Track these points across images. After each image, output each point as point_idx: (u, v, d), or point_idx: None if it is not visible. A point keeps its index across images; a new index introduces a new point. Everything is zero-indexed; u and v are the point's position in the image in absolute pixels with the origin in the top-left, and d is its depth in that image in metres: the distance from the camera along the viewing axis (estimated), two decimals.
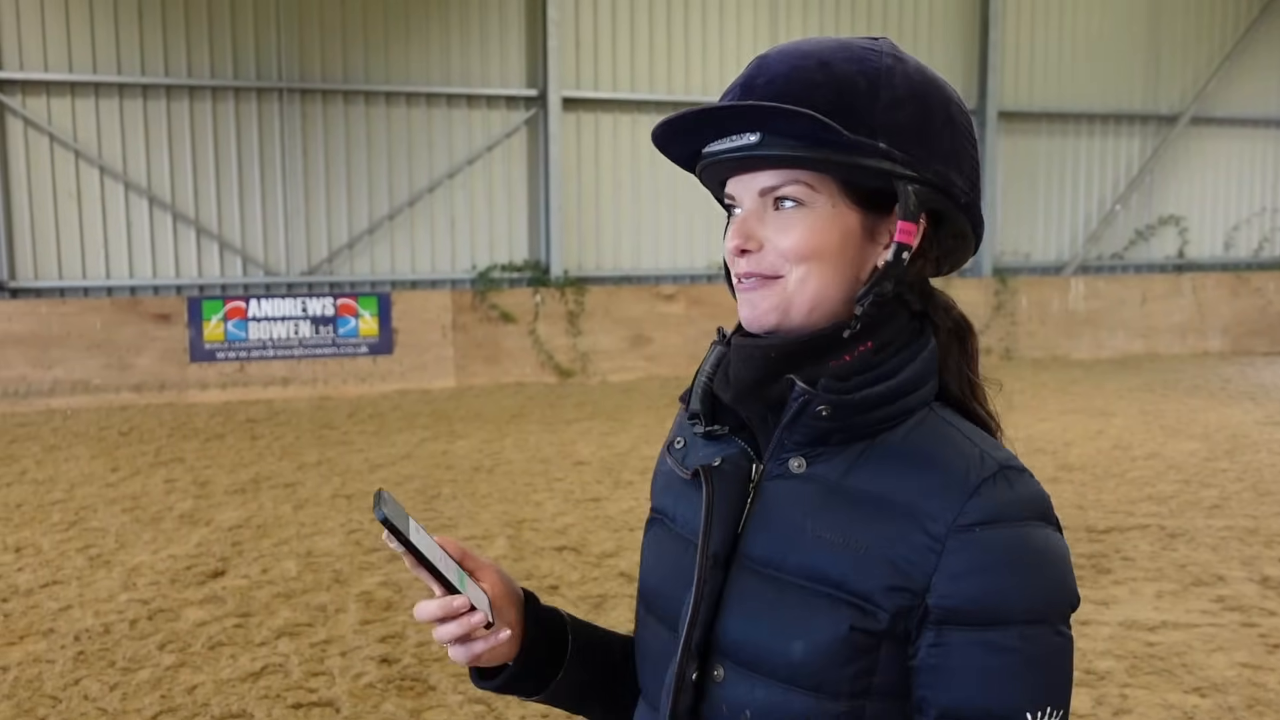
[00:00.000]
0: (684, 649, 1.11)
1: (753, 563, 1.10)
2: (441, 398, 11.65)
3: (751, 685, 1.08)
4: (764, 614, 1.08)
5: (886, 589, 1.03)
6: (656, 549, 1.24)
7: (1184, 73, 15.64)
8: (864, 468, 1.08)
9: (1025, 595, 1.02)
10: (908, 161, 1.06)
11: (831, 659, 1.04)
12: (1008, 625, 1.01)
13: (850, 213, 1.08)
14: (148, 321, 11.34)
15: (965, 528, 1.02)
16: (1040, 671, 1.02)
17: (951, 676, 1.02)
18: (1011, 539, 1.03)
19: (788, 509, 1.10)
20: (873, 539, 1.05)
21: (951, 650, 1.02)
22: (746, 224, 1.10)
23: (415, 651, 4.59)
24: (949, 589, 1.02)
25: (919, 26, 14.42)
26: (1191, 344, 15.51)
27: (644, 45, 13.31)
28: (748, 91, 1.08)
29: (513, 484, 7.63)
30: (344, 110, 12.28)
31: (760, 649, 1.08)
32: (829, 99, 1.04)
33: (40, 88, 11.29)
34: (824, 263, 1.08)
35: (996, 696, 1.01)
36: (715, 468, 1.14)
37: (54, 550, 6.10)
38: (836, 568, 1.05)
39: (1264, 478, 7.64)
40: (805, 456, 1.10)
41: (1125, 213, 15.67)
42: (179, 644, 4.70)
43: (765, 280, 1.10)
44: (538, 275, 12.94)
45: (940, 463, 1.06)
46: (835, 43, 1.10)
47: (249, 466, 8.26)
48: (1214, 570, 5.60)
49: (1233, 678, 4.26)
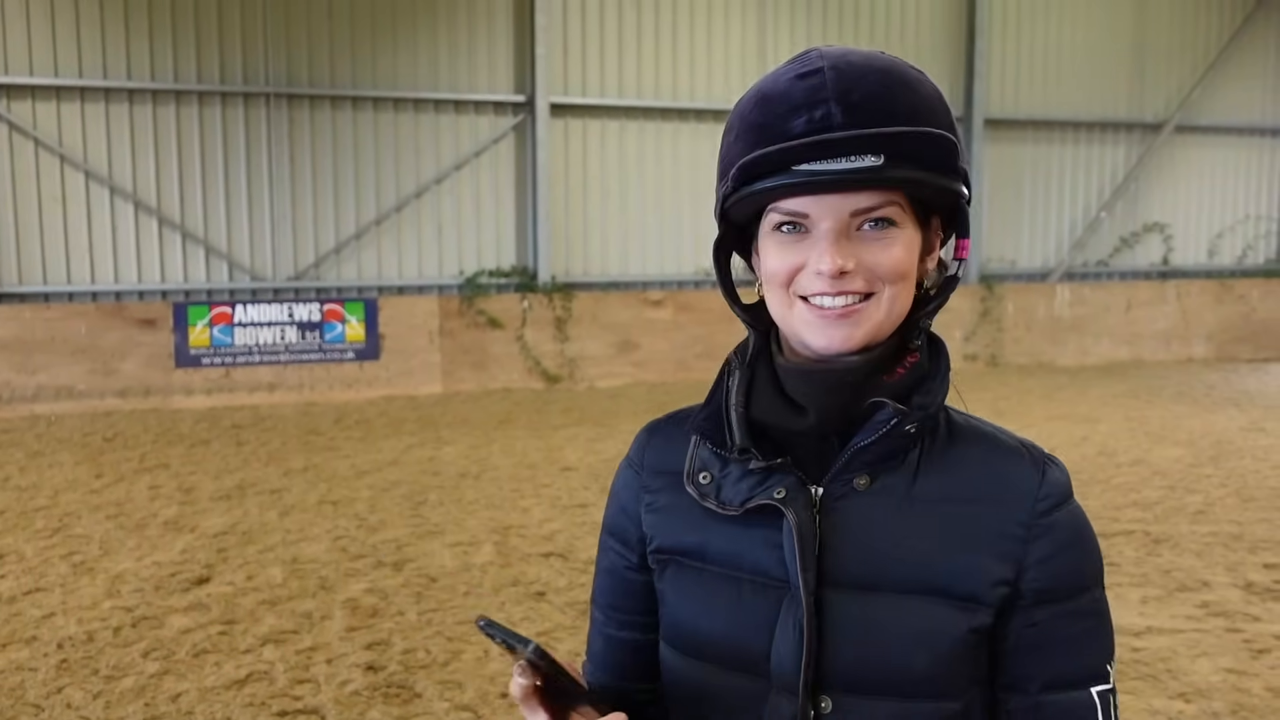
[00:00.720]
0: (804, 689, 1.07)
1: (844, 588, 1.09)
2: (428, 404, 11.62)
3: (871, 707, 1.08)
4: (876, 634, 1.07)
5: (989, 584, 1.08)
6: (692, 593, 1.16)
7: (1168, 81, 15.74)
8: (929, 474, 1.11)
9: (1090, 563, 1.12)
10: (966, 180, 1.10)
11: (953, 663, 1.08)
12: (1083, 593, 1.11)
13: (917, 231, 1.10)
14: (133, 327, 11.29)
15: (1045, 514, 1.10)
16: (1108, 626, 1.13)
17: (1050, 650, 1.09)
18: (1074, 518, 1.12)
19: (865, 526, 1.10)
20: (963, 539, 1.09)
21: (1046, 626, 1.09)
22: (842, 244, 1.06)
23: (401, 659, 4.57)
24: (1040, 572, 1.09)
25: (905, 34, 14.48)
26: (1176, 350, 15.59)
27: (632, 51, 13.33)
28: (848, 106, 1.03)
29: (499, 490, 7.61)
30: (331, 115, 12.26)
31: (880, 669, 1.07)
32: (937, 119, 1.06)
33: (25, 92, 11.23)
34: (907, 281, 1.09)
35: (1088, 657, 1.10)
36: (783, 498, 1.10)
37: (37, 557, 6.06)
38: (936, 575, 1.08)
39: (1248, 484, 7.68)
40: (869, 474, 1.10)
41: (1110, 220, 15.75)
42: (163, 651, 4.67)
43: (861, 300, 1.07)
44: (525, 281, 12.93)
45: (996, 459, 1.12)
46: (884, 57, 1.09)
47: (234, 473, 8.22)
48: (1199, 576, 5.62)
49: (1217, 683, 4.28)
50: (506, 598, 5.33)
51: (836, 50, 1.08)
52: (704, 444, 1.17)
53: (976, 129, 14.62)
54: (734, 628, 1.12)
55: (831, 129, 1.02)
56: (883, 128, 1.01)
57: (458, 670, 4.46)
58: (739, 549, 1.12)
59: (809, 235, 1.07)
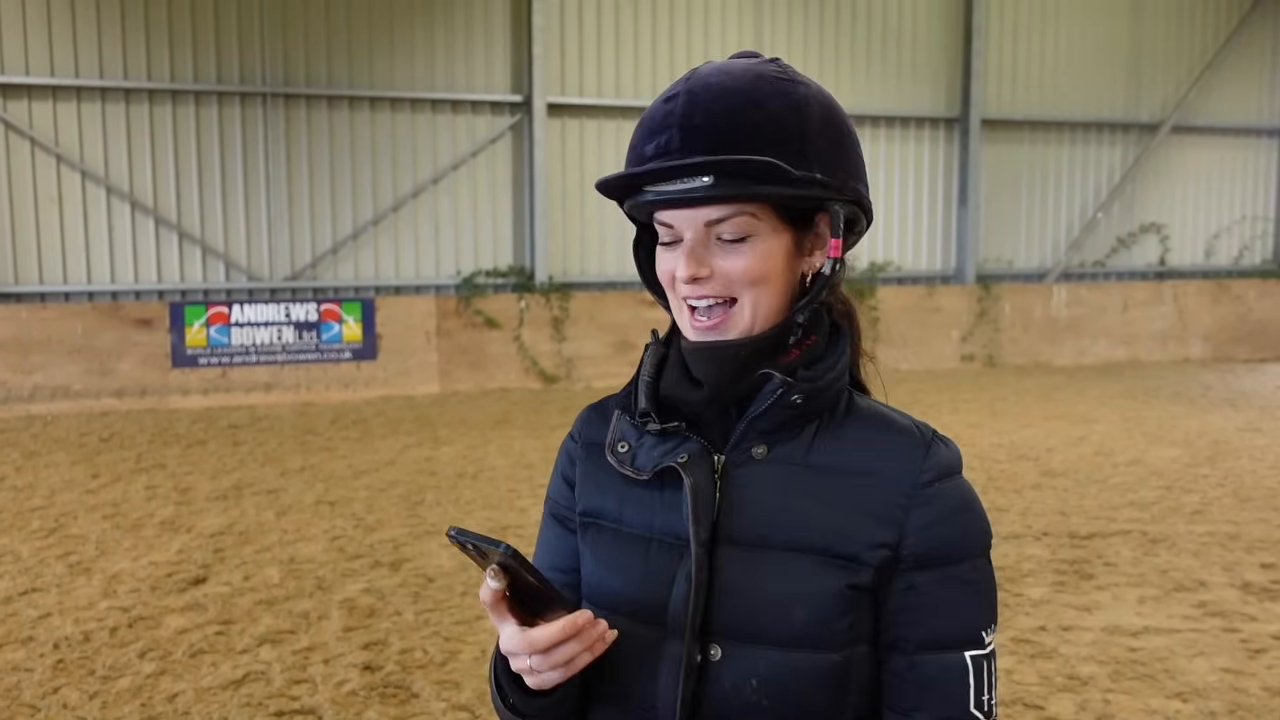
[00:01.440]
0: (689, 636, 1.17)
1: (736, 545, 1.19)
2: (425, 404, 11.61)
3: (755, 655, 1.17)
4: (760, 588, 1.17)
5: (869, 546, 1.17)
6: (605, 553, 1.27)
7: (1165, 82, 15.76)
8: (823, 446, 1.21)
9: (971, 534, 1.21)
10: (835, 186, 1.18)
11: (829, 616, 1.16)
12: (962, 561, 1.19)
13: (785, 233, 1.20)
14: (129, 327, 11.27)
15: (925, 485, 1.19)
16: (987, 595, 1.21)
17: (926, 612, 1.18)
18: (956, 490, 1.21)
19: (760, 490, 1.20)
20: (848, 505, 1.18)
21: (923, 590, 1.18)
22: (696, 253, 1.18)
23: (398, 659, 4.57)
24: (919, 538, 1.17)
25: (903, 35, 14.49)
26: (1173, 351, 15.61)
27: (629, 51, 13.33)
28: (687, 131, 1.14)
29: (496, 490, 7.61)
30: (328, 115, 12.25)
31: (762, 621, 1.17)
32: (773, 139, 1.14)
33: (22, 91, 11.22)
34: (769, 284, 1.19)
35: (961, 622, 1.18)
36: (685, 463, 1.20)
37: (33, 557, 6.05)
38: (821, 535, 1.18)
39: (1245, 484, 7.69)
40: (766, 443, 1.21)
41: (1107, 220, 15.77)
42: (160, 652, 4.67)
43: (721, 304, 1.19)
44: (522, 281, 12.92)
45: (887, 434, 1.22)
46: (751, 74, 1.17)
47: (231, 473, 8.21)
48: (1196, 576, 5.63)
49: (1214, 683, 4.28)
50: None
51: (709, 69, 1.19)
52: (624, 417, 1.29)
53: (974, 129, 14.63)
54: (641, 583, 1.23)
55: (669, 154, 1.14)
56: (711, 154, 1.12)
57: (455, 670, 4.45)
58: (650, 511, 1.24)
59: (680, 244, 1.19)
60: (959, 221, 14.93)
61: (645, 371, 1.28)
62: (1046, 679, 4.34)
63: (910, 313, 14.35)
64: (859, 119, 14.32)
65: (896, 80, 14.51)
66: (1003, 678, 4.34)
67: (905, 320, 14.29)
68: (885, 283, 14.55)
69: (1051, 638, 4.78)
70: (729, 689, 1.17)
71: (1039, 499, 7.28)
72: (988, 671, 1.18)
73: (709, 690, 1.18)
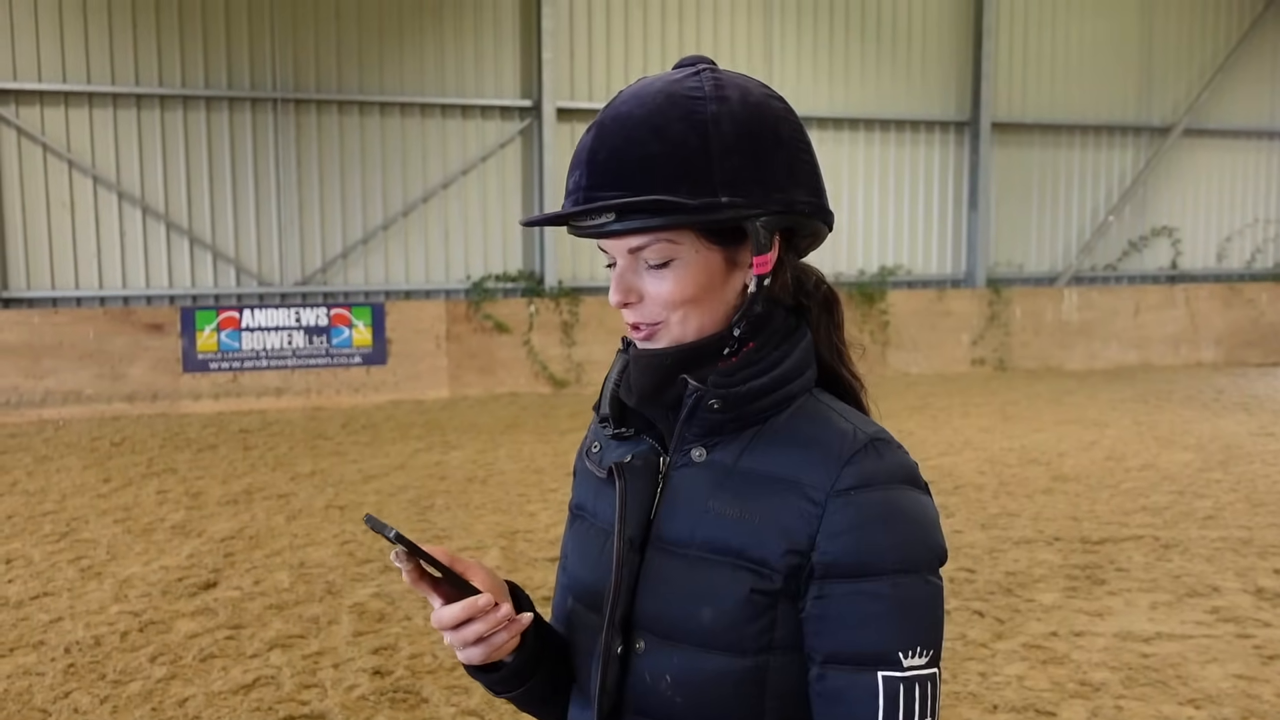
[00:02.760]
0: (609, 625, 1.23)
1: (664, 544, 1.23)
2: (435, 408, 11.63)
3: (669, 652, 1.20)
4: (675, 587, 1.21)
5: (780, 553, 1.17)
6: (579, 542, 1.35)
7: (1176, 84, 15.71)
8: (754, 450, 1.22)
9: (895, 548, 1.15)
10: (750, 203, 1.17)
11: (736, 620, 1.17)
12: (880, 575, 1.14)
13: (712, 252, 1.20)
14: (140, 331, 11.31)
15: (841, 492, 1.16)
16: (910, 615, 1.14)
17: (834, 623, 1.15)
18: (882, 499, 1.16)
19: (691, 493, 1.23)
20: (764, 510, 1.18)
21: (832, 600, 1.15)
22: (624, 279, 1.22)
23: (408, 664, 4.57)
24: (829, 546, 1.15)
25: (913, 38, 14.47)
26: (1185, 355, 15.54)
27: (638, 56, 13.34)
28: (593, 169, 1.17)
29: (506, 494, 7.61)
30: (338, 120, 12.29)
31: (674, 618, 1.20)
32: (670, 170, 1.14)
33: (34, 97, 11.27)
34: (699, 303, 1.21)
35: (872, 638, 1.13)
36: (626, 464, 1.27)
37: (45, 561, 6.07)
38: (736, 539, 1.19)
39: (1258, 488, 7.65)
40: (705, 446, 1.24)
41: (1118, 224, 15.71)
42: (170, 656, 4.67)
43: (652, 326, 1.22)
44: (532, 285, 12.93)
45: (819, 439, 1.21)
46: (663, 96, 1.17)
47: (241, 477, 8.23)
48: (1208, 581, 5.59)
49: (1227, 689, 4.25)
50: None
51: (625, 96, 1.20)
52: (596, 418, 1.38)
53: (984, 132, 14.60)
54: (593, 572, 1.29)
55: (580, 191, 1.19)
56: (613, 189, 1.15)
57: (464, 675, 4.45)
58: (605, 506, 1.30)
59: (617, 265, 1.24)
60: (969, 225, 14.90)
61: (611, 377, 1.33)
62: (1058, 685, 4.32)
63: (921, 316, 14.32)
64: (869, 123, 14.32)
65: (907, 84, 14.49)
66: (1014, 683, 4.32)
67: (916, 324, 14.26)
68: (896, 286, 14.52)
69: (1063, 643, 4.75)
70: (648, 682, 1.22)
71: (1050, 504, 7.25)
72: (907, 697, 1.12)
73: (631, 682, 1.23)
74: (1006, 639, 4.82)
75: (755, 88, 1.22)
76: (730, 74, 1.22)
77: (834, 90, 14.09)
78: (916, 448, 9.17)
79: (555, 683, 1.34)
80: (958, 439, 9.62)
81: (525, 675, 1.29)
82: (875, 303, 13.93)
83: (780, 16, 13.86)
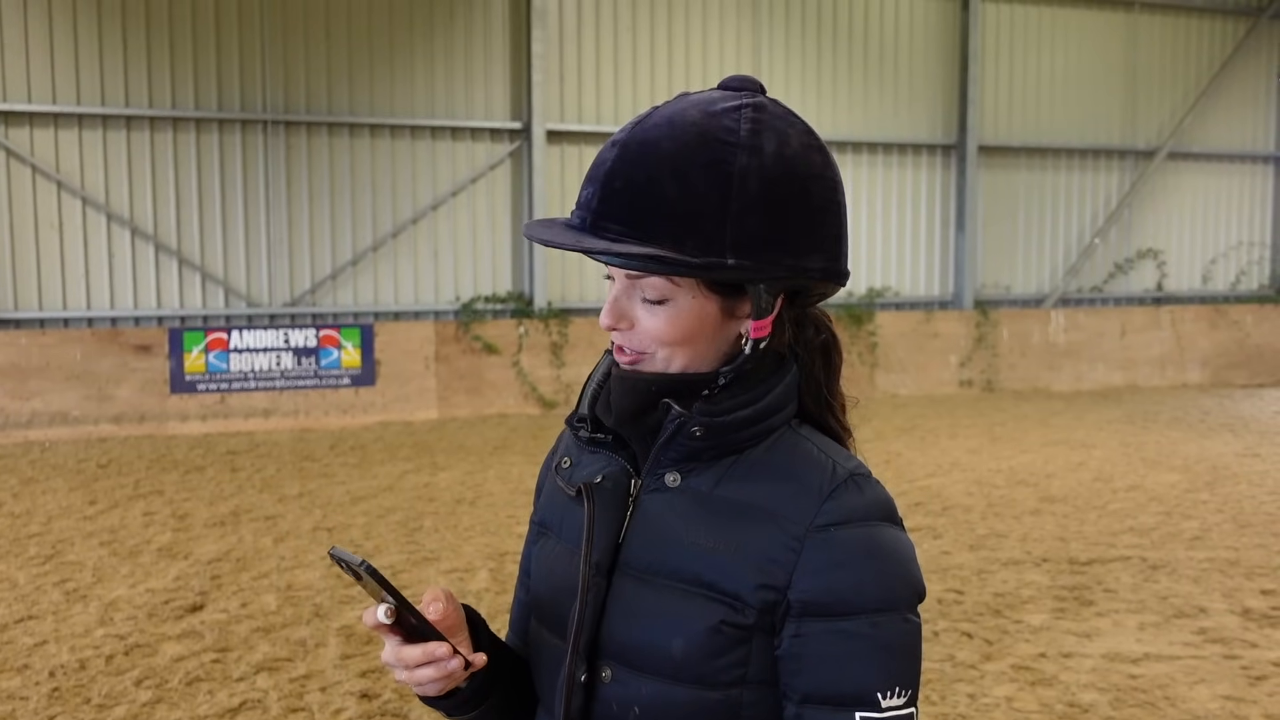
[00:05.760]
0: (572, 652, 1.20)
1: (633, 569, 1.20)
2: (424, 429, 11.61)
3: (639, 683, 1.17)
4: (646, 616, 1.17)
5: (754, 587, 1.14)
6: (545, 562, 1.32)
7: (1161, 108, 15.86)
8: (731, 480, 1.19)
9: (875, 586, 1.12)
10: (756, 267, 1.13)
11: (707, 653, 1.14)
12: (859, 614, 1.11)
13: (710, 300, 1.17)
14: (128, 352, 11.28)
15: (821, 528, 1.13)
16: (890, 655, 1.12)
17: (811, 662, 1.12)
18: (861, 537, 1.14)
19: (664, 519, 1.20)
20: (739, 542, 1.15)
21: (810, 639, 1.12)
22: (619, 304, 1.19)
23: (396, 687, 4.54)
24: (807, 584, 1.12)
25: (899, 61, 14.58)
26: (1171, 376, 15.63)
27: (627, 78, 13.41)
28: (606, 194, 1.13)
29: (495, 516, 7.59)
30: (328, 142, 12.31)
31: (644, 648, 1.17)
32: (682, 222, 1.10)
33: (23, 118, 11.27)
34: (688, 345, 1.19)
35: (851, 678, 1.11)
36: (597, 484, 1.23)
37: (30, 584, 6.03)
38: (709, 570, 1.15)
39: (1244, 509, 7.68)
40: (680, 471, 1.20)
41: (1104, 246, 15.82)
42: (156, 680, 4.64)
43: (637, 354, 1.20)
44: (521, 307, 12.94)
45: (798, 473, 1.17)
46: (695, 132, 1.12)
47: (229, 499, 8.20)
48: (1196, 602, 5.61)
49: (1215, 710, 4.27)
50: (501, 624, 5.29)
51: (658, 118, 1.15)
52: (567, 433, 1.35)
53: (970, 155, 14.70)
54: (552, 593, 1.27)
55: (589, 210, 1.14)
56: (619, 223, 1.11)
57: None
58: (573, 525, 1.26)
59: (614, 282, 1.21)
60: (957, 247, 14.98)
61: (594, 378, 1.30)
62: (1047, 706, 4.32)
63: (908, 338, 14.37)
64: (856, 146, 14.40)
65: (894, 107, 14.59)
66: (1003, 705, 4.32)
67: (903, 346, 14.30)
68: (883, 308, 14.58)
69: (1051, 665, 4.76)
70: (616, 711, 1.19)
71: (1038, 525, 7.27)
72: None
73: (596, 710, 1.20)
74: (995, 660, 4.82)
75: (796, 137, 1.15)
76: (774, 114, 1.15)
77: (822, 114, 14.18)
78: (904, 469, 9.19)
79: (510, 701, 1.33)
80: (945, 460, 9.64)
81: (479, 699, 1.27)
82: (863, 324, 13.98)
83: (769, 41, 13.96)
